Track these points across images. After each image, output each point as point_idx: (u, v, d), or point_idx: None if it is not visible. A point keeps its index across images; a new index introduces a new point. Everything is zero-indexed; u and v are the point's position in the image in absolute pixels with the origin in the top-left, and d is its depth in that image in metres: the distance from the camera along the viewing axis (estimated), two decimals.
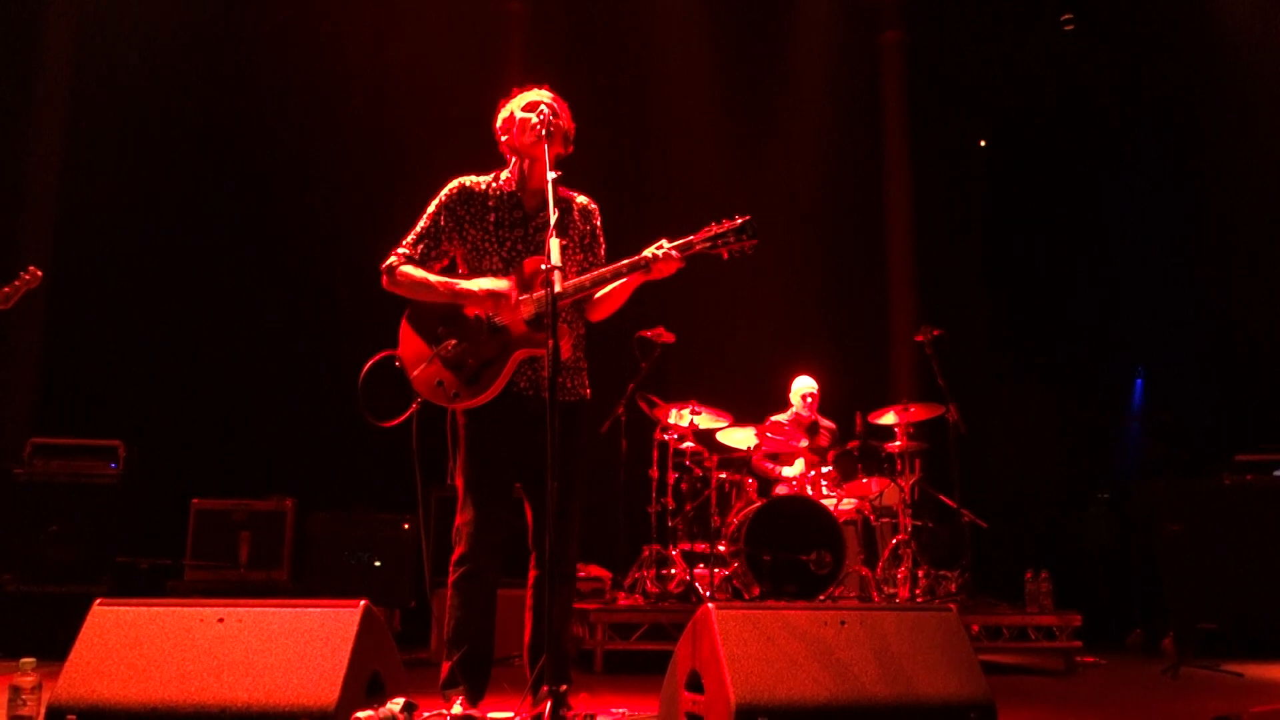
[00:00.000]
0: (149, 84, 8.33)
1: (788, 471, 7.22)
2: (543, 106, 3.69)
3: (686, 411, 6.69)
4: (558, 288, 3.24)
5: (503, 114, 3.84)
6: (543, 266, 3.32)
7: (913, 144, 9.97)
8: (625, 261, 3.62)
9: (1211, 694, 5.26)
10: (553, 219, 3.36)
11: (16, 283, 4.71)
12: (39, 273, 4.82)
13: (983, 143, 10.64)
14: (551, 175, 3.49)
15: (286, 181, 8.50)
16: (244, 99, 8.59)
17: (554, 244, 3.30)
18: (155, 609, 3.02)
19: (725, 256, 3.67)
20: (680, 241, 3.63)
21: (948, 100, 10.07)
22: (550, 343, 3.16)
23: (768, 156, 9.63)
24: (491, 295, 3.59)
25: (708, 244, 3.63)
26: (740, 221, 3.64)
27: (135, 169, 8.21)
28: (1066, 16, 10.21)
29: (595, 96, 3.93)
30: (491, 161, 3.93)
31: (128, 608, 3.03)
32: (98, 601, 3.04)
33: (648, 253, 3.61)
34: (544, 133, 3.60)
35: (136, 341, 8.01)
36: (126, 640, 2.93)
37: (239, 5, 8.70)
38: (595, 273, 3.68)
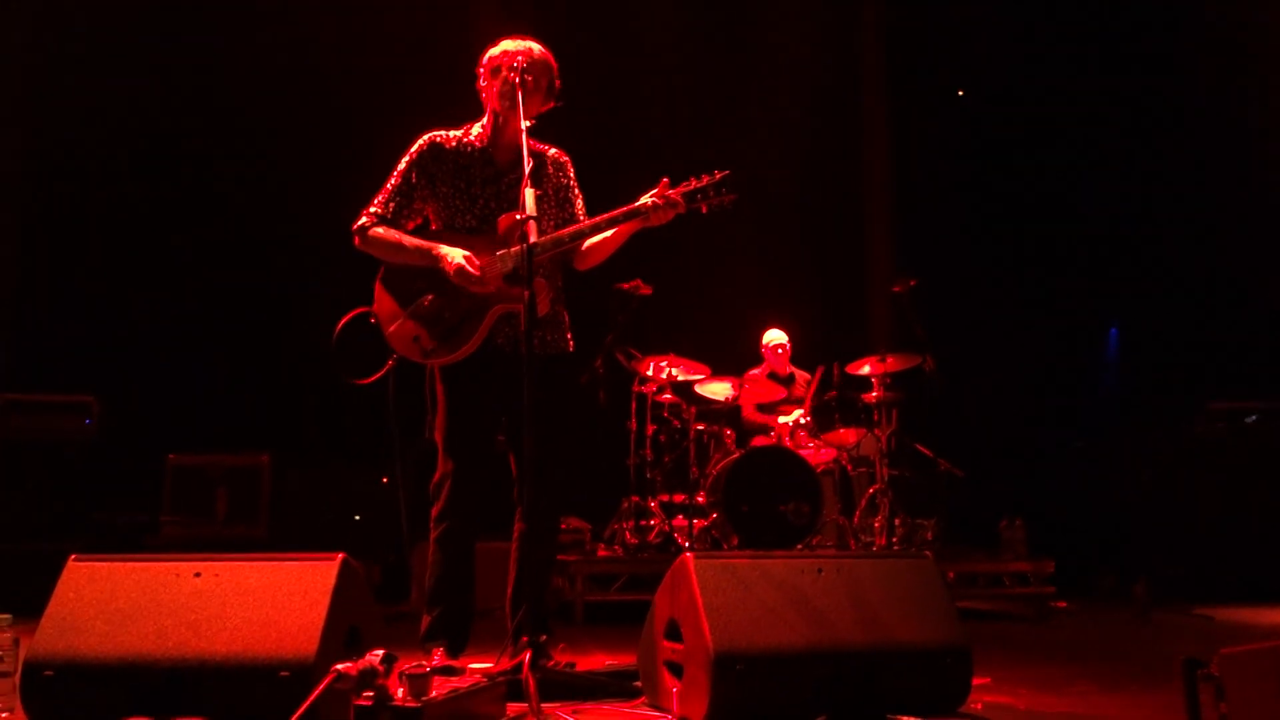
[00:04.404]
0: (114, 38, 8.15)
1: (784, 419, 7.23)
2: (516, 61, 3.59)
3: (664, 364, 6.69)
4: (533, 238, 3.21)
5: (484, 62, 3.74)
6: (518, 217, 3.28)
7: (890, 94, 9.92)
8: (620, 211, 3.58)
9: (1182, 637, 5.36)
10: (527, 169, 3.32)
11: None
12: None
13: (960, 93, 10.58)
14: (525, 124, 3.44)
15: (257, 135, 8.36)
16: (210, 53, 8.41)
17: (529, 194, 3.26)
18: (131, 564, 3.00)
19: (705, 211, 3.65)
20: (672, 191, 3.57)
21: (926, 51, 10.00)
22: (527, 294, 3.14)
23: (744, 109, 9.54)
24: (460, 274, 3.51)
25: (690, 198, 3.59)
26: (719, 176, 3.61)
27: (105, 120, 8.05)
28: None
29: (567, 48, 3.85)
30: (464, 114, 3.86)
31: (103, 563, 3.00)
32: (72, 557, 3.02)
33: (645, 199, 3.57)
34: (511, 89, 3.53)
35: (110, 296, 7.91)
36: (102, 595, 2.91)
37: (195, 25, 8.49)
38: (580, 225, 3.64)
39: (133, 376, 7.59)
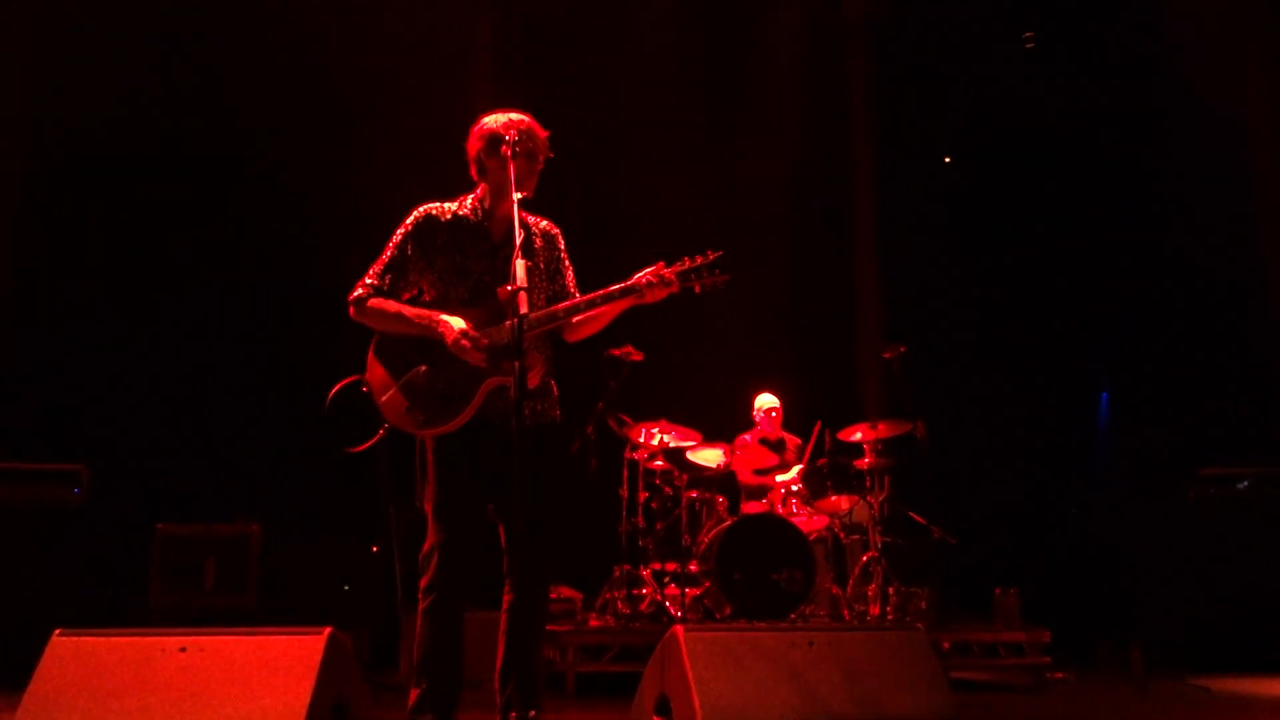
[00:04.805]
0: (111, 100, 8.23)
1: (782, 478, 7.21)
2: (510, 136, 3.59)
3: (656, 430, 6.69)
4: (523, 309, 3.23)
5: (473, 137, 3.77)
6: (509, 289, 3.30)
7: (879, 160, 10.03)
8: (615, 287, 3.61)
9: (1180, 709, 5.30)
10: (518, 240, 3.34)
11: None
12: None
13: (948, 159, 10.72)
14: (517, 196, 3.48)
15: (250, 204, 8.42)
16: (208, 120, 8.50)
17: (519, 265, 3.29)
18: (115, 639, 2.98)
19: (698, 290, 3.69)
20: (666, 270, 3.61)
21: (913, 117, 10.14)
22: (516, 365, 3.15)
23: (733, 173, 9.64)
24: (457, 343, 3.51)
25: (683, 278, 3.63)
26: (713, 257, 3.65)
27: (96, 189, 8.12)
28: (1028, 35, 10.34)
29: (559, 109, 3.90)
30: (456, 184, 3.90)
31: (87, 638, 2.98)
32: (57, 632, 2.99)
33: (640, 277, 3.61)
34: (506, 165, 3.54)
35: (99, 364, 7.90)
36: (86, 671, 2.88)
37: (196, 28, 8.60)
38: (575, 300, 3.67)
39: (122, 445, 7.56)
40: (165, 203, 8.33)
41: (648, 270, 3.61)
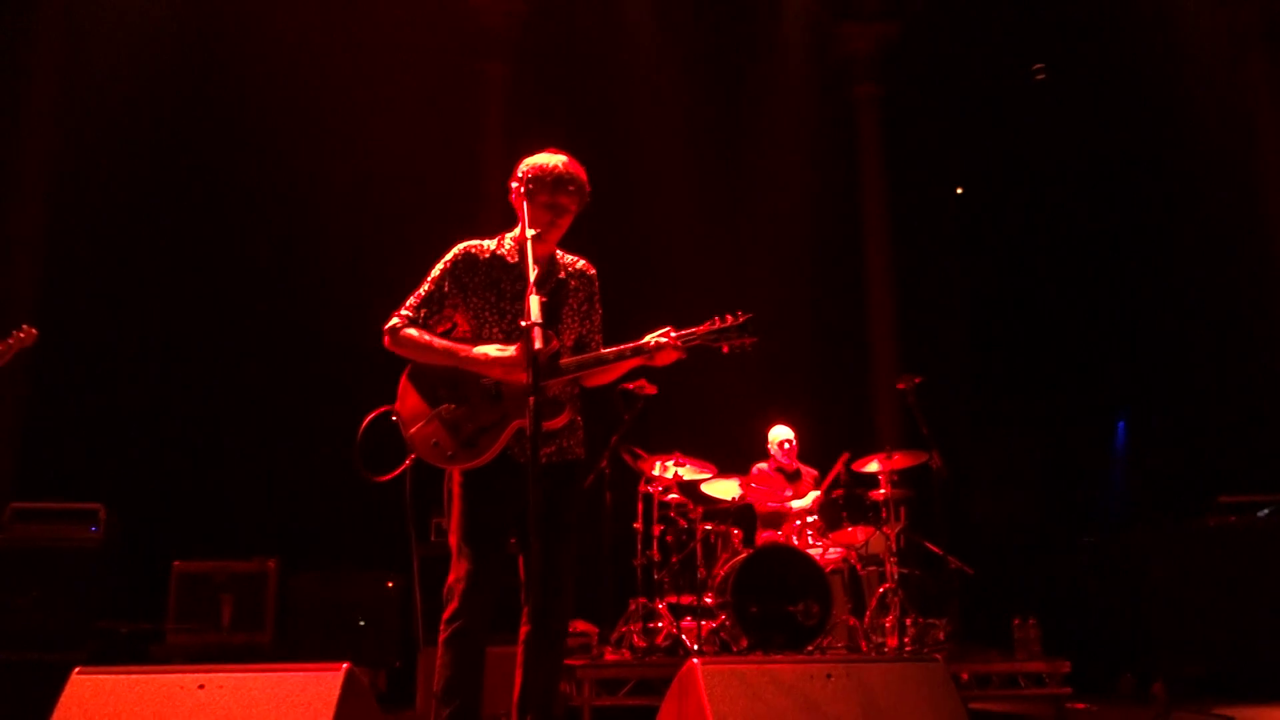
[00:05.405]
0: (133, 145, 8.37)
1: (798, 504, 7.19)
2: (553, 178, 3.70)
3: (670, 463, 6.69)
4: (538, 344, 3.25)
5: (520, 174, 3.78)
6: (521, 324, 3.32)
7: (890, 193, 10.08)
8: (628, 346, 3.68)
9: None
10: (532, 276, 3.37)
11: (10, 340, 4.68)
12: (33, 331, 4.77)
13: (960, 190, 10.76)
14: (531, 233, 3.51)
15: (266, 240, 8.52)
16: (227, 159, 8.63)
17: (533, 300, 3.31)
18: (134, 677, 2.98)
19: (725, 351, 3.75)
20: (684, 332, 3.70)
21: (924, 150, 10.20)
22: (531, 400, 3.16)
23: (747, 210, 9.71)
24: (499, 361, 3.58)
25: (711, 338, 3.72)
26: (743, 319, 3.73)
27: (119, 227, 8.23)
28: (1038, 66, 10.40)
29: (573, 154, 3.95)
30: (467, 217, 3.95)
31: (106, 676, 2.99)
32: (76, 670, 3.00)
33: (649, 339, 3.67)
34: (551, 211, 3.68)
35: (117, 403, 7.97)
36: (105, 710, 2.89)
37: (215, 70, 8.74)
38: (593, 355, 3.74)
39: (140, 484, 7.61)
40: (177, 237, 8.44)
41: (658, 333, 3.69)
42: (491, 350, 3.62)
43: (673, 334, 3.68)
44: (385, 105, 8.70)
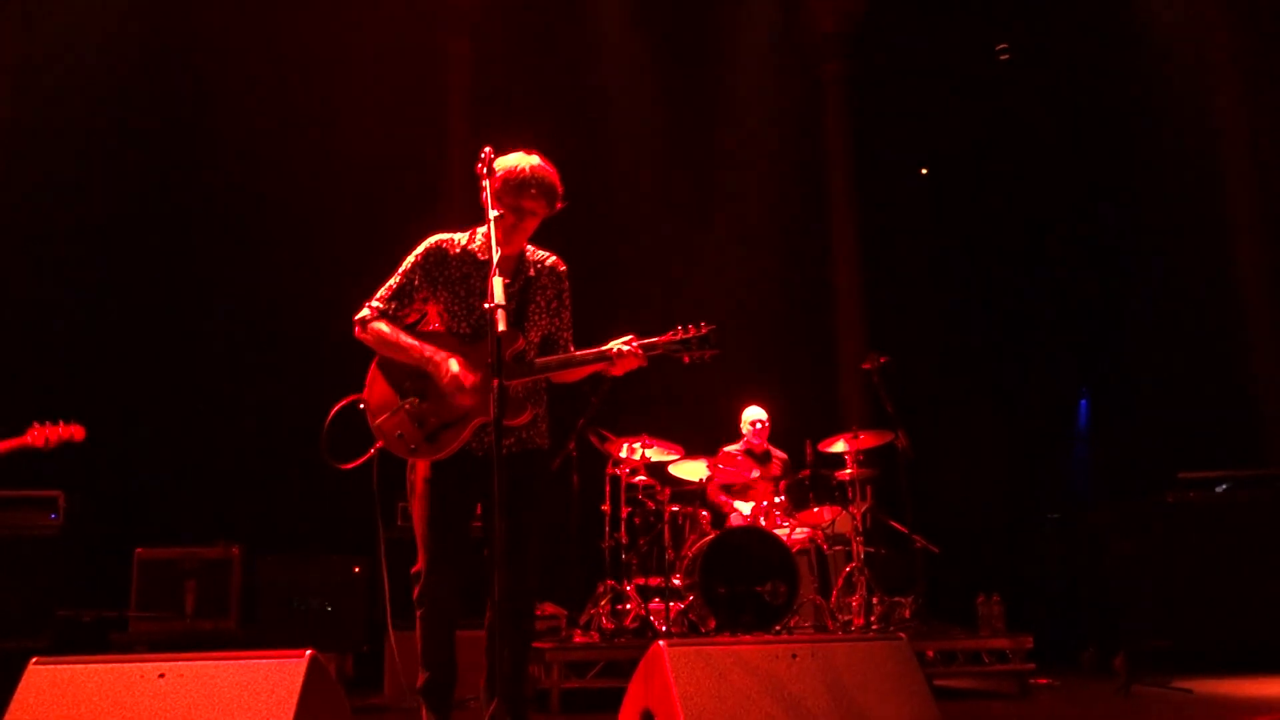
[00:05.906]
0: (89, 120, 8.23)
1: (740, 506, 7.22)
2: (525, 178, 3.62)
3: (638, 445, 6.68)
4: (501, 326, 3.22)
5: (493, 174, 3.62)
6: (485, 306, 3.30)
7: (856, 173, 10.09)
8: (590, 351, 3.68)
9: (1162, 712, 5.32)
10: (495, 257, 3.32)
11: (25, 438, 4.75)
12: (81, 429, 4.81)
13: (924, 170, 10.79)
14: (494, 214, 3.47)
15: (228, 225, 8.42)
16: (186, 139, 8.51)
17: (497, 283, 3.27)
18: (93, 666, 2.94)
19: (686, 361, 3.75)
20: (645, 341, 3.69)
21: (889, 129, 10.22)
22: (496, 382, 3.14)
23: (712, 190, 9.70)
24: (454, 383, 3.58)
25: (674, 348, 3.73)
26: (705, 331, 3.73)
27: (73, 207, 8.09)
28: (1002, 46, 10.45)
29: (537, 137, 3.91)
30: (429, 203, 3.91)
31: (64, 666, 2.94)
32: (33, 661, 2.96)
33: (612, 346, 3.67)
34: (520, 210, 3.63)
35: (75, 387, 7.85)
36: (64, 700, 2.85)
37: (173, 49, 8.61)
38: (557, 357, 3.75)
39: (100, 470, 7.49)
40: (137, 221, 8.33)
41: (620, 340, 3.69)
42: (453, 366, 3.60)
43: (635, 342, 3.68)
44: (348, 83, 8.60)
